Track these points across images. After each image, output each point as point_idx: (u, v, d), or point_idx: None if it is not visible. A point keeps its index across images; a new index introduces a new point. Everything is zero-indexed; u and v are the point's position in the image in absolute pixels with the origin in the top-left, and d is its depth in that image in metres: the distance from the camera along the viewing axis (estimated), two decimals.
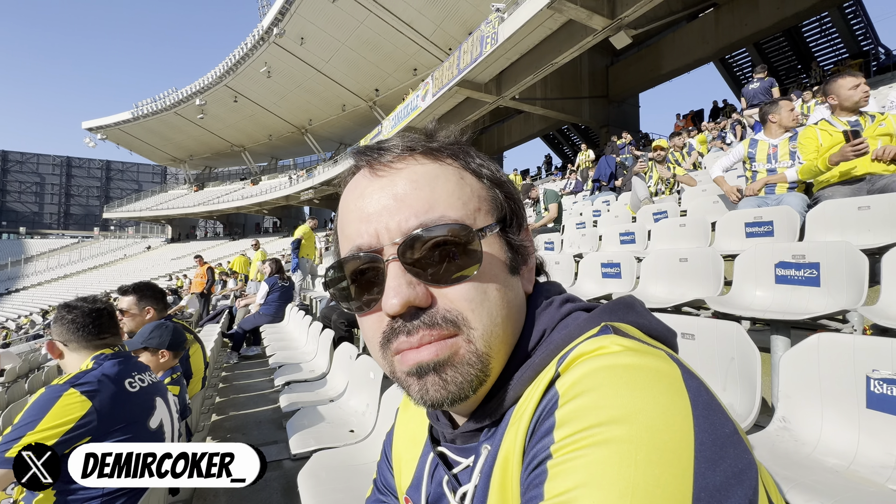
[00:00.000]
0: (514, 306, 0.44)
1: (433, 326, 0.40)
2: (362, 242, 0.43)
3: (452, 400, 0.40)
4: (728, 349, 1.44)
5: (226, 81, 27.76)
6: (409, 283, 0.40)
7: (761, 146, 3.38)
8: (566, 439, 0.31)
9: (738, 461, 0.29)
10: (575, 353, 0.36)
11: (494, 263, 0.43)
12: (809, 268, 1.98)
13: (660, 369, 0.33)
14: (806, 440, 1.20)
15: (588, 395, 0.32)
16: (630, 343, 0.36)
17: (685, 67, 17.36)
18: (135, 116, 33.65)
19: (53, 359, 1.52)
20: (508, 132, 24.56)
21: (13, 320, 20.35)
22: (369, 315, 0.44)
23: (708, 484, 0.28)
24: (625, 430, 0.29)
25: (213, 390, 4.02)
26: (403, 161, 0.44)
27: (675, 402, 0.30)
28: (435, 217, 0.41)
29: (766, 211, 2.89)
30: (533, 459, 0.33)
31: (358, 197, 0.44)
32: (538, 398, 0.37)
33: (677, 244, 3.46)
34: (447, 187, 0.43)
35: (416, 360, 0.40)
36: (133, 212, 42.43)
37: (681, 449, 0.28)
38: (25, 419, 1.23)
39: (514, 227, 0.47)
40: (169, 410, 1.62)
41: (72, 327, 1.51)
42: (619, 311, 0.43)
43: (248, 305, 6.39)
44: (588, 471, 0.28)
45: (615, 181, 8.00)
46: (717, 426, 0.30)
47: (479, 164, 0.47)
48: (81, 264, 37.29)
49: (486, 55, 12.50)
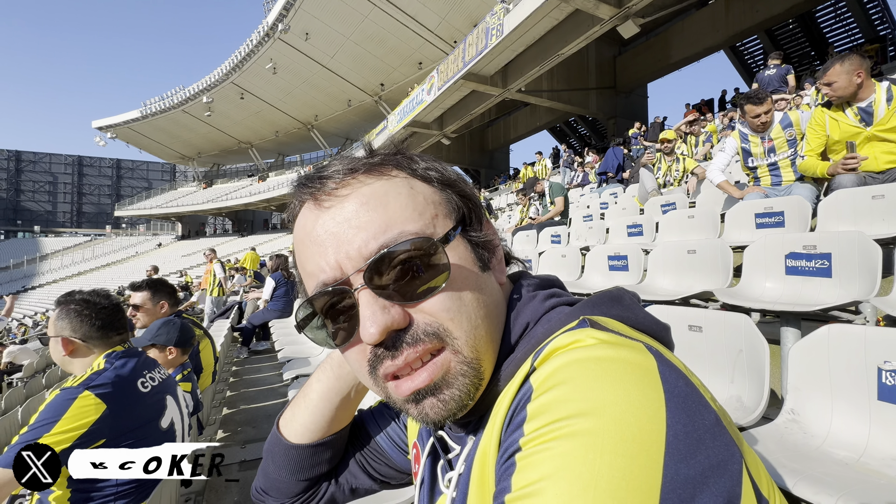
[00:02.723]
0: (492, 303, 0.44)
1: (416, 343, 0.40)
2: (326, 277, 0.41)
3: (454, 415, 0.41)
4: (736, 341, 1.42)
5: (232, 78, 27.86)
6: (382, 308, 0.39)
7: (753, 140, 3.20)
8: (535, 432, 0.31)
9: (718, 453, 0.29)
10: (550, 348, 0.36)
11: (464, 267, 0.43)
12: (821, 258, 1.95)
13: (633, 361, 0.32)
14: (815, 432, 1.19)
15: (559, 388, 0.31)
16: (606, 336, 0.35)
17: (695, 56, 17.02)
18: (143, 115, 33.93)
19: (61, 356, 1.46)
20: (515, 125, 24.37)
21: (30, 317, 20.79)
22: (351, 348, 0.43)
23: (679, 476, 0.27)
24: (592, 423, 0.29)
25: (224, 384, 4.08)
26: (347, 186, 0.43)
27: (646, 393, 0.30)
28: (394, 235, 0.40)
29: (777, 201, 2.85)
30: (505, 452, 0.33)
31: (310, 232, 0.43)
32: (514, 392, 0.37)
33: (686, 236, 3.42)
34: (399, 201, 0.42)
35: (413, 388, 0.40)
36: (144, 209, 42.97)
37: (650, 441, 0.28)
38: (41, 421, 1.24)
39: (474, 225, 0.46)
40: (179, 408, 1.63)
41: (95, 323, 1.48)
42: (603, 305, 0.43)
43: (257, 300, 6.46)
44: (553, 463, 0.28)
45: (623, 173, 7.91)
46: (694, 418, 0.30)
47: (426, 167, 0.46)
48: (95, 262, 37.92)
49: (491, 47, 12.38)
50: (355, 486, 0.65)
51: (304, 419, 0.60)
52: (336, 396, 0.58)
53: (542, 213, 6.30)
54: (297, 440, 0.60)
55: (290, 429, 0.61)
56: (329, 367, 0.59)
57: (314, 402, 0.59)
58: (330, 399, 0.58)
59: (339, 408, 0.59)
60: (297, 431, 0.60)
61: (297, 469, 0.61)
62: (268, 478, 0.63)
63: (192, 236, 42.20)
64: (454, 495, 0.45)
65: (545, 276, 0.52)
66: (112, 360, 1.45)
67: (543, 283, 0.50)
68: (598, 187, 8.69)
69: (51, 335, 1.47)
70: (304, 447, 0.60)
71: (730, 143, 3.43)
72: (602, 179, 8.62)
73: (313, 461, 0.61)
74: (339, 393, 0.58)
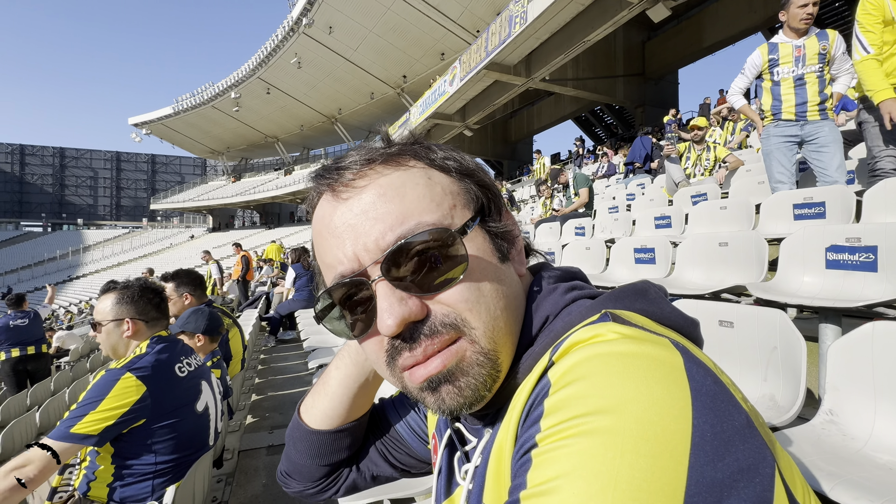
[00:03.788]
0: (511, 294, 0.43)
1: (434, 335, 0.39)
2: (344, 269, 0.41)
3: (470, 404, 0.40)
4: (770, 338, 1.36)
5: (259, 74, 28.41)
6: (400, 299, 0.39)
7: (784, 49, 2.88)
8: (552, 428, 0.30)
9: (748, 456, 0.27)
10: (569, 342, 0.35)
11: (482, 257, 0.42)
12: (866, 251, 1.83)
13: (658, 357, 0.31)
14: (855, 435, 1.13)
15: (578, 384, 0.30)
16: (628, 330, 0.34)
17: (730, 39, 16.19)
18: (175, 111, 35.15)
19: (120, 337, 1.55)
20: (538, 115, 23.92)
21: (75, 305, 22.08)
22: (369, 339, 0.43)
23: (705, 479, 0.26)
24: (612, 421, 0.27)
25: (253, 372, 4.23)
26: (365, 177, 0.42)
27: (671, 391, 0.28)
28: (411, 226, 0.39)
29: (817, 191, 2.70)
30: (521, 447, 0.33)
31: (328, 225, 0.43)
32: (531, 386, 0.36)
33: (717, 228, 3.29)
34: (416, 192, 0.41)
35: (426, 375, 0.40)
36: (177, 203, 44.69)
37: (674, 441, 0.27)
38: (88, 399, 1.33)
39: (493, 215, 0.46)
40: (213, 393, 1.71)
41: (160, 306, 1.62)
42: (627, 299, 0.41)
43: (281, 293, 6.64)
44: (570, 461, 0.27)
45: (651, 163, 7.66)
46: (723, 418, 0.28)
47: (444, 157, 0.45)
48: (132, 253, 39.76)
49: (514, 35, 12.13)
50: (376, 473, 0.66)
51: (323, 406, 0.61)
52: (354, 383, 0.59)
53: (565, 204, 6.18)
54: (318, 426, 0.61)
55: (310, 415, 0.62)
56: (347, 354, 0.60)
57: (333, 389, 0.60)
58: (348, 386, 0.59)
59: (357, 395, 0.60)
60: (317, 418, 0.61)
61: (317, 454, 0.62)
62: (291, 462, 0.65)
63: (222, 228, 43.66)
64: (470, 487, 0.44)
65: (567, 268, 0.51)
66: (153, 345, 1.54)
67: (565, 275, 0.49)
68: (625, 178, 8.45)
69: (110, 319, 1.54)
70: (324, 433, 0.61)
71: (751, 61, 3.06)
72: (629, 170, 8.37)
73: (333, 447, 0.62)
74: (358, 380, 0.59)
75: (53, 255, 42.16)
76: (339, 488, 0.65)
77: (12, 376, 5.23)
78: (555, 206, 6.59)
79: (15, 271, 39.07)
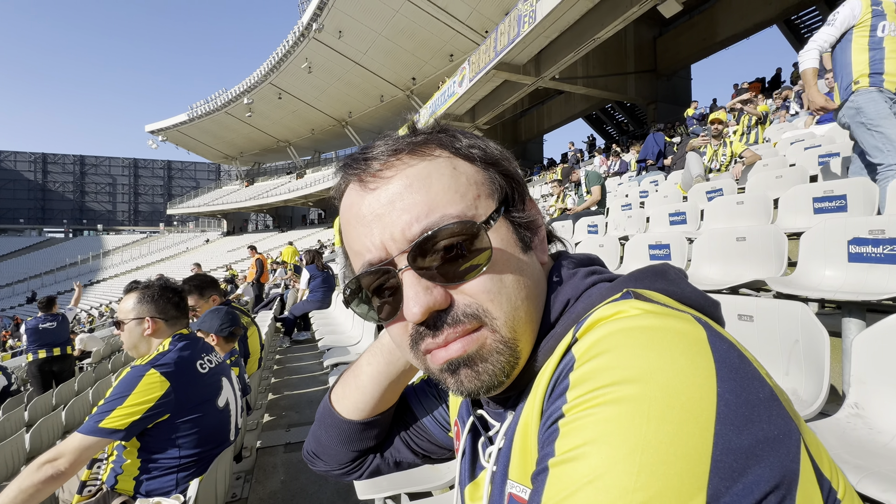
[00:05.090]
0: (533, 283, 0.44)
1: (457, 324, 0.40)
2: (371, 257, 0.43)
3: (487, 388, 0.41)
4: (791, 331, 1.34)
5: (270, 79, 28.82)
6: (425, 288, 0.40)
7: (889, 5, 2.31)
8: (578, 399, 0.30)
9: (773, 428, 0.28)
10: (592, 318, 0.36)
11: (505, 248, 0.43)
12: (890, 244, 1.78)
13: (681, 330, 0.31)
14: (883, 429, 1.10)
15: (603, 356, 0.31)
16: (651, 307, 0.34)
17: (744, 33, 15.89)
18: (190, 118, 35.86)
19: (141, 335, 1.59)
20: (548, 114, 23.78)
21: (96, 308, 22.66)
22: (395, 324, 0.44)
23: (731, 445, 0.26)
24: (638, 389, 0.28)
25: (269, 371, 4.29)
26: (392, 167, 0.43)
27: (695, 362, 0.29)
28: (436, 218, 0.40)
29: (838, 184, 2.63)
30: (548, 420, 0.33)
31: (356, 214, 0.44)
32: (556, 363, 0.37)
33: (734, 223, 3.24)
34: (442, 182, 0.42)
35: (447, 358, 0.41)
36: (192, 208, 45.57)
37: (700, 408, 0.27)
38: (115, 394, 1.37)
39: (517, 204, 0.46)
40: (233, 390, 1.75)
41: (180, 305, 1.66)
42: (646, 279, 0.42)
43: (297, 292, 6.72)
44: (598, 428, 0.28)
45: (663, 160, 7.56)
46: (748, 389, 0.28)
47: (469, 144, 0.46)
48: (150, 257, 40.64)
49: (523, 35, 12.10)
50: (399, 459, 0.68)
51: (354, 398, 0.62)
52: (385, 380, 0.61)
53: (577, 203, 6.14)
54: (349, 416, 0.63)
55: (341, 405, 0.64)
56: (379, 351, 0.61)
57: (364, 383, 0.62)
58: (380, 382, 0.61)
59: (387, 390, 0.61)
60: (348, 408, 0.63)
61: (347, 441, 0.64)
62: (320, 444, 0.67)
63: (236, 232, 44.35)
64: (494, 468, 0.45)
65: (585, 254, 0.51)
66: (175, 343, 1.57)
67: (584, 260, 0.50)
68: (638, 175, 8.35)
69: (132, 318, 1.58)
70: (354, 423, 0.63)
71: (844, 11, 2.45)
72: (641, 167, 8.27)
73: (362, 436, 0.64)
74: (389, 377, 0.60)
75: (75, 260, 43.32)
76: (364, 472, 0.67)
77: (38, 377, 5.40)
78: (567, 204, 6.55)
79: (38, 276, 40.24)
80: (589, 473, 0.27)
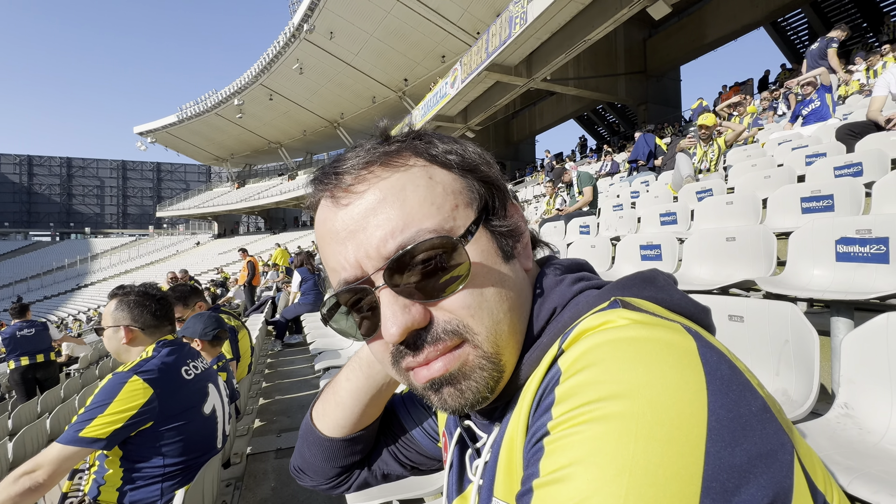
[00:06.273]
0: (516, 294, 0.42)
1: (437, 342, 0.39)
2: (347, 275, 0.41)
3: (472, 405, 0.40)
4: (781, 331, 1.34)
5: (261, 80, 28.60)
6: (403, 307, 0.39)
7: None
8: (564, 415, 0.29)
9: (766, 442, 0.26)
10: (579, 329, 0.34)
11: (485, 260, 0.41)
12: (877, 243, 1.80)
13: (671, 341, 0.30)
14: (872, 428, 1.11)
15: (589, 370, 0.30)
16: (639, 316, 0.33)
17: (732, 35, 16.11)
18: (180, 119, 35.45)
19: (121, 344, 1.54)
20: (540, 115, 23.89)
21: (84, 313, 22.27)
22: (375, 341, 0.43)
23: (723, 463, 0.25)
24: (625, 406, 0.27)
25: (260, 376, 4.24)
26: (364, 181, 0.41)
27: (685, 375, 0.28)
28: (412, 233, 0.39)
29: (825, 184, 2.66)
30: (533, 436, 0.32)
31: (329, 230, 0.42)
32: (541, 376, 0.36)
33: (724, 223, 3.26)
34: (417, 194, 0.40)
35: (429, 377, 0.40)
36: (182, 210, 45.03)
37: (690, 425, 0.26)
38: (96, 402, 1.33)
39: (498, 211, 0.44)
40: (220, 395, 1.71)
41: (156, 313, 1.59)
42: (635, 287, 0.40)
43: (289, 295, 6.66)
44: (584, 447, 0.27)
45: (654, 160, 7.62)
46: (739, 403, 0.27)
47: (446, 150, 0.43)
48: (139, 260, 40.07)
49: (515, 36, 12.14)
50: (387, 471, 0.66)
51: (335, 415, 0.60)
52: (365, 396, 0.59)
53: (569, 203, 6.16)
54: (330, 434, 0.61)
55: (322, 423, 0.62)
56: (358, 366, 0.59)
57: (344, 399, 0.60)
58: (360, 398, 0.59)
59: (368, 405, 0.60)
60: (329, 426, 0.61)
61: (331, 458, 0.62)
62: (304, 460, 0.65)
63: (227, 235, 43.93)
64: (481, 482, 0.44)
65: (573, 260, 0.50)
66: (159, 349, 1.53)
67: (571, 266, 0.48)
68: (629, 176, 8.41)
69: (109, 325, 1.54)
70: (336, 440, 0.61)
71: None
72: (632, 168, 8.33)
73: (346, 452, 0.62)
74: (369, 392, 0.59)
75: (62, 264, 42.56)
76: (351, 486, 0.65)
77: (22, 384, 5.27)
78: (558, 205, 6.57)
79: (24, 280, 39.51)
80: (574, 496, 0.26)
